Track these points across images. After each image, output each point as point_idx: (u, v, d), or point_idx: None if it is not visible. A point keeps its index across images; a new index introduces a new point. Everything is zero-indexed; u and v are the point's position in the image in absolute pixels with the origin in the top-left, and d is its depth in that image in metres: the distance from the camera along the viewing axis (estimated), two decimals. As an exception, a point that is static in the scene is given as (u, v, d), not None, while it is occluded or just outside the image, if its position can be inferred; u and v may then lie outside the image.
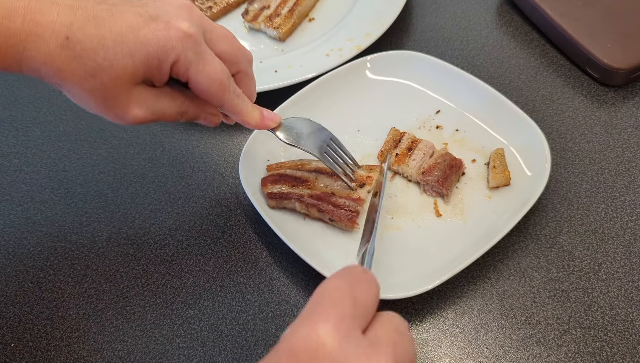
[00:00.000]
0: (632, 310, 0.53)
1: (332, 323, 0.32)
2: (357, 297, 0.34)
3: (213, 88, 0.47)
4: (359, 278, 0.35)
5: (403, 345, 0.34)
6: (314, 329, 0.31)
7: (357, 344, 0.32)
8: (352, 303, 0.33)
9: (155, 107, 0.47)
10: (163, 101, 0.47)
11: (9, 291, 0.59)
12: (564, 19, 0.70)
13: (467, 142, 0.64)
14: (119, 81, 0.43)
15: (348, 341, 0.31)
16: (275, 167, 0.61)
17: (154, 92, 0.46)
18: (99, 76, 0.43)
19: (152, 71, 0.44)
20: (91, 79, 0.43)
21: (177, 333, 0.55)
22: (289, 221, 0.59)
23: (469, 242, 0.56)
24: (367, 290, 0.35)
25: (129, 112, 0.45)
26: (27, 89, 0.76)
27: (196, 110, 0.50)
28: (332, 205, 0.57)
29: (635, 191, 0.61)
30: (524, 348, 0.52)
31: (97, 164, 0.67)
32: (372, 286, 0.35)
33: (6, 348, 0.55)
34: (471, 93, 0.65)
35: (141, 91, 0.45)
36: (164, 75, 0.45)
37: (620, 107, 0.67)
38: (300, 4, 0.77)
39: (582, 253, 0.57)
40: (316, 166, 0.60)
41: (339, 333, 0.31)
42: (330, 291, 0.34)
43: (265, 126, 0.54)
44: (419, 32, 0.77)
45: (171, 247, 0.60)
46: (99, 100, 0.44)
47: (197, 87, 0.47)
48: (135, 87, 0.45)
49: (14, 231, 0.63)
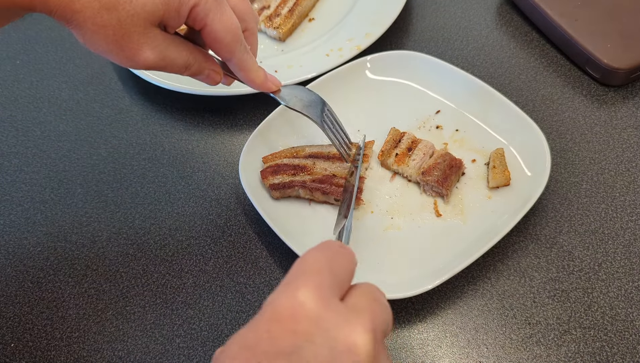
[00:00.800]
0: (632, 310, 0.53)
1: (312, 288, 0.32)
2: (334, 269, 0.34)
3: (227, 38, 0.46)
4: (337, 252, 0.36)
5: (381, 314, 0.34)
6: (294, 294, 0.32)
7: (337, 309, 0.32)
8: (330, 274, 0.34)
9: (166, 53, 0.45)
10: (174, 48, 0.45)
11: (9, 291, 0.59)
12: (564, 19, 0.70)
13: (467, 142, 0.64)
14: (136, 18, 0.41)
15: (327, 305, 0.32)
16: (270, 158, 0.62)
17: (166, 37, 0.44)
18: (115, 11, 0.40)
19: (170, 13, 0.43)
20: (106, 13, 0.40)
21: (177, 333, 0.55)
22: (289, 220, 0.59)
23: (469, 242, 0.56)
24: (344, 262, 0.35)
25: (141, 54, 0.43)
26: (27, 89, 0.76)
27: (201, 65, 0.49)
28: (335, 186, 0.59)
29: (635, 191, 0.61)
30: (524, 348, 0.52)
31: (97, 164, 0.67)
32: (349, 260, 0.36)
33: (6, 348, 0.55)
34: (471, 93, 0.65)
35: (156, 34, 0.43)
36: (181, 19, 0.44)
37: (620, 107, 0.67)
38: (300, 4, 0.77)
39: (582, 253, 0.57)
40: (310, 151, 0.62)
41: (318, 298, 0.32)
42: (310, 262, 0.34)
43: (267, 88, 0.53)
44: (419, 32, 0.77)
45: (171, 247, 0.60)
46: (111, 37, 0.42)
47: (212, 35, 0.45)
48: (150, 27, 0.43)
49: (14, 231, 0.63)
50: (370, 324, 0.32)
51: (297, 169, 0.60)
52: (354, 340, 0.31)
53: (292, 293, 0.32)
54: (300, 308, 0.31)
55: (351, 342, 0.31)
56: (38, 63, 0.79)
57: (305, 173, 0.60)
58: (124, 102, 0.73)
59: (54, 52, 0.80)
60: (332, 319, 0.32)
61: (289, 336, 0.31)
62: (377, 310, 0.34)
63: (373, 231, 0.59)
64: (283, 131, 0.65)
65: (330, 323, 0.31)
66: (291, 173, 0.60)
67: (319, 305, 0.32)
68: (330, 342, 0.31)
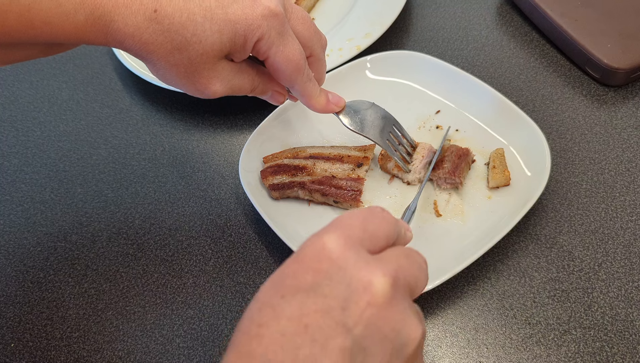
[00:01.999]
0: (632, 310, 0.53)
1: (338, 235, 0.34)
2: (368, 226, 0.35)
3: (289, 70, 0.47)
4: (375, 214, 0.37)
5: (409, 268, 0.35)
6: (320, 238, 0.34)
7: (359, 255, 0.34)
8: (361, 229, 0.35)
9: (233, 82, 0.47)
10: (241, 76, 0.48)
11: (9, 291, 0.59)
12: (564, 19, 0.70)
13: (467, 142, 0.64)
14: (206, 56, 0.44)
15: (351, 250, 0.34)
16: (271, 158, 0.62)
17: (234, 68, 0.47)
18: (185, 51, 0.43)
19: (236, 48, 0.45)
20: (177, 53, 0.43)
21: (177, 333, 0.55)
22: (289, 221, 0.59)
23: (469, 242, 0.56)
24: (380, 223, 0.36)
25: (211, 87, 0.46)
26: (27, 89, 0.76)
27: (266, 86, 0.51)
28: (334, 187, 0.59)
29: (635, 191, 0.61)
30: (524, 348, 0.52)
31: (97, 164, 0.67)
32: (387, 223, 0.37)
33: (6, 348, 0.55)
34: (471, 93, 0.65)
35: (224, 66, 0.46)
36: (247, 52, 0.46)
37: (620, 107, 0.67)
38: (300, 4, 0.77)
39: (582, 253, 0.57)
40: (311, 152, 0.62)
41: (344, 244, 0.34)
42: (345, 217, 0.36)
43: (329, 111, 0.55)
44: (419, 32, 0.77)
45: (171, 247, 0.60)
46: (182, 74, 0.45)
47: (274, 66, 0.47)
48: (218, 62, 0.45)
49: (14, 231, 0.63)
50: (392, 272, 0.33)
51: (297, 170, 0.60)
52: (370, 279, 0.32)
53: (319, 237, 0.34)
54: (323, 250, 0.33)
55: (367, 281, 0.32)
56: (38, 63, 0.79)
57: (305, 173, 0.60)
58: (124, 102, 0.73)
59: (54, 52, 0.80)
60: (352, 261, 0.33)
61: (310, 274, 0.33)
62: (405, 264, 0.35)
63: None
64: (283, 131, 0.65)
65: (350, 265, 0.33)
66: (291, 173, 0.60)
67: (342, 249, 0.33)
68: (347, 280, 0.32)
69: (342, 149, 0.62)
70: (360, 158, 0.61)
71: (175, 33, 0.42)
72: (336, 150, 0.62)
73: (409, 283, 0.35)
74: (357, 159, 0.61)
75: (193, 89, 0.46)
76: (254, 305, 0.33)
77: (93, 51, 0.79)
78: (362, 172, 0.60)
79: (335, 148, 0.62)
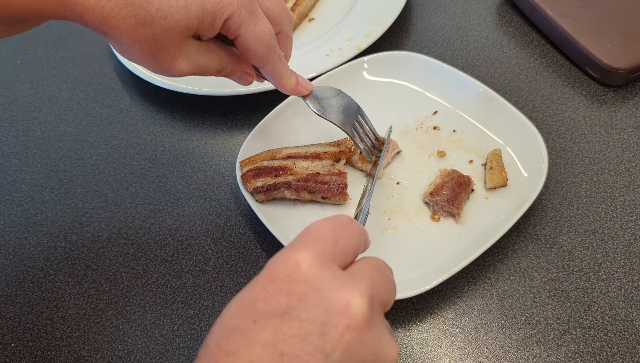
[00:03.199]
0: (632, 310, 0.53)
1: (311, 252, 0.32)
2: (338, 239, 0.34)
3: (260, 49, 0.46)
4: (344, 224, 0.36)
5: (382, 283, 0.34)
6: (293, 256, 0.32)
7: (334, 274, 0.32)
8: (333, 243, 0.34)
9: (200, 61, 0.46)
10: (208, 55, 0.46)
11: (9, 291, 0.59)
12: (564, 19, 0.70)
13: (464, 143, 0.64)
14: (171, 33, 0.42)
15: (325, 269, 0.32)
16: (248, 161, 0.61)
17: (200, 46, 0.46)
18: (150, 27, 0.41)
19: (204, 26, 0.43)
20: (141, 29, 0.41)
21: (177, 333, 0.55)
22: (287, 221, 0.59)
23: (467, 243, 0.56)
24: (349, 234, 0.35)
25: (176, 65, 0.44)
26: (27, 89, 0.76)
27: (234, 67, 0.50)
28: (320, 184, 0.59)
29: (635, 191, 0.61)
30: (524, 348, 0.52)
31: (97, 164, 0.67)
32: (356, 234, 0.36)
33: (6, 348, 0.55)
34: (468, 94, 0.65)
35: (190, 45, 0.44)
36: (215, 30, 0.45)
37: (620, 107, 0.67)
38: (300, 4, 0.77)
39: (582, 253, 0.57)
40: (287, 153, 0.62)
41: (316, 262, 0.32)
42: (314, 229, 0.35)
43: (298, 92, 0.54)
44: (418, 32, 0.77)
45: (171, 247, 0.60)
46: (146, 51, 0.43)
47: (245, 45, 0.46)
48: (185, 40, 0.44)
49: (14, 231, 0.63)
50: (368, 290, 0.32)
51: (278, 171, 0.60)
52: (348, 301, 0.31)
53: (291, 255, 0.32)
54: (297, 270, 0.32)
55: (345, 304, 0.31)
56: (38, 63, 0.79)
57: (288, 173, 0.60)
58: (124, 102, 0.73)
59: (54, 52, 0.80)
60: (328, 282, 0.32)
61: (283, 296, 0.31)
62: (378, 279, 0.34)
63: (370, 232, 0.57)
64: (282, 131, 0.65)
65: (325, 286, 0.31)
66: (273, 174, 0.59)
67: (316, 269, 0.32)
68: (324, 302, 0.31)
69: (316, 147, 0.62)
70: (336, 153, 0.61)
71: (139, 7, 0.40)
72: (311, 148, 0.62)
73: (383, 300, 0.34)
74: (334, 154, 0.61)
75: (158, 67, 0.44)
76: (219, 330, 0.31)
77: (93, 51, 0.79)
78: (341, 166, 0.60)
79: (309, 147, 0.62)
